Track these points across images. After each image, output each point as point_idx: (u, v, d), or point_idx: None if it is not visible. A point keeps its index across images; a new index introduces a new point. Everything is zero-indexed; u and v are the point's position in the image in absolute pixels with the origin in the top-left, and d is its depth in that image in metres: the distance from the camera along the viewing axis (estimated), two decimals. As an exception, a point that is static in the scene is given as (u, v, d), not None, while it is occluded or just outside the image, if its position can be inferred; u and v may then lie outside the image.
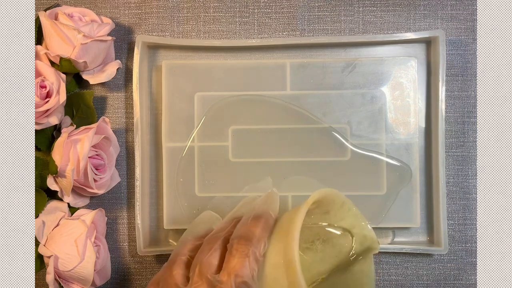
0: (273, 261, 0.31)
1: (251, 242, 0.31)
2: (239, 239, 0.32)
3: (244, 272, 0.30)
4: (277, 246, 0.31)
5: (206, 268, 0.31)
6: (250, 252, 0.31)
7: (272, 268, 0.31)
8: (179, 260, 0.33)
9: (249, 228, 0.32)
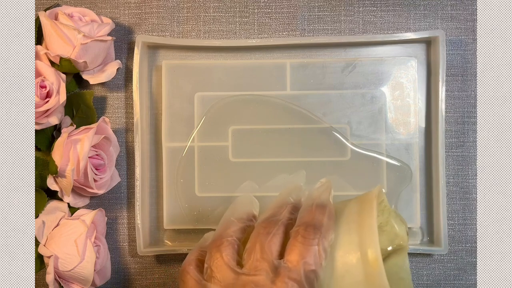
0: (345, 253, 0.30)
1: (319, 230, 0.30)
2: (306, 226, 0.30)
3: (313, 261, 0.29)
4: (348, 238, 0.30)
5: (268, 252, 0.30)
6: (319, 241, 0.30)
7: (344, 260, 0.30)
8: (226, 241, 0.32)
9: (315, 216, 0.31)
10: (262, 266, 0.30)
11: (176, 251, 0.45)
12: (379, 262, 0.29)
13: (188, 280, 0.32)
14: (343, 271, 0.30)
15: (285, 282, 0.29)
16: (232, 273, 0.30)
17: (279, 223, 0.31)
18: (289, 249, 0.30)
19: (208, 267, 0.31)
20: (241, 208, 0.34)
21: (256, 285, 0.29)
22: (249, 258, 0.31)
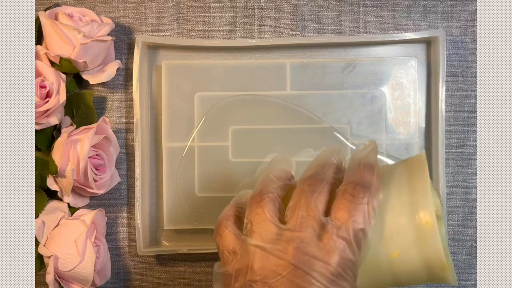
0: (395, 214, 0.30)
1: (369, 190, 0.29)
2: (355, 185, 0.29)
3: (362, 219, 0.29)
4: (399, 199, 0.30)
5: (315, 209, 0.29)
6: (369, 199, 0.29)
7: (394, 221, 0.30)
8: (267, 197, 0.30)
9: (363, 175, 0.30)
10: (308, 222, 0.29)
11: (176, 251, 0.45)
12: (433, 224, 0.29)
13: (226, 234, 0.31)
14: (393, 231, 0.30)
15: (333, 240, 0.28)
16: (275, 229, 0.29)
17: (324, 182, 0.30)
18: (336, 207, 0.29)
19: (248, 222, 0.30)
20: (279, 166, 0.33)
21: (302, 241, 0.28)
22: (293, 214, 0.30)
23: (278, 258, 0.29)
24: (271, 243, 0.29)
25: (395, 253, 0.30)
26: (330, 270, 0.28)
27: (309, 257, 0.28)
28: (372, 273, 0.31)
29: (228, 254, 0.31)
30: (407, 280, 0.31)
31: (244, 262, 0.29)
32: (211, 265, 0.47)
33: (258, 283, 0.28)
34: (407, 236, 0.30)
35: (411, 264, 0.30)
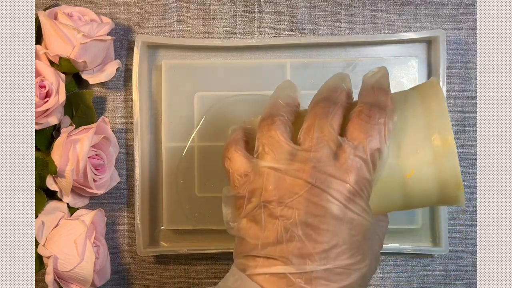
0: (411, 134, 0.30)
1: (384, 111, 0.29)
2: (371, 106, 0.29)
3: (378, 139, 0.28)
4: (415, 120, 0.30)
5: (330, 129, 0.29)
6: (385, 121, 0.29)
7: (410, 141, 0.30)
8: (278, 120, 0.30)
9: (378, 97, 0.30)
10: (323, 142, 0.28)
11: (176, 251, 0.45)
12: (451, 142, 0.29)
13: (236, 157, 0.30)
14: (409, 152, 0.30)
15: (350, 159, 0.28)
16: (290, 150, 0.29)
17: (338, 104, 0.30)
18: (352, 128, 0.29)
19: (259, 145, 0.30)
20: (286, 92, 0.33)
21: (319, 160, 0.28)
22: (307, 136, 0.29)
23: (295, 177, 0.28)
24: (286, 164, 0.29)
25: (410, 173, 0.30)
26: (347, 188, 0.28)
27: (327, 176, 0.28)
28: (384, 194, 0.31)
29: (239, 177, 0.30)
30: (417, 201, 0.31)
31: (258, 184, 0.29)
32: (211, 265, 0.47)
33: (273, 203, 0.28)
34: (423, 156, 0.30)
35: (425, 183, 0.30)
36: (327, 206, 0.28)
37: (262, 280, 0.28)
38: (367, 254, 0.29)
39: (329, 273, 0.28)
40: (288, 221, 0.28)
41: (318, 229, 0.28)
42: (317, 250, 0.28)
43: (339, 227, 0.28)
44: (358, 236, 0.28)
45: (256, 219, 0.29)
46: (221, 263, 0.47)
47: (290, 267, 0.28)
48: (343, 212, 0.28)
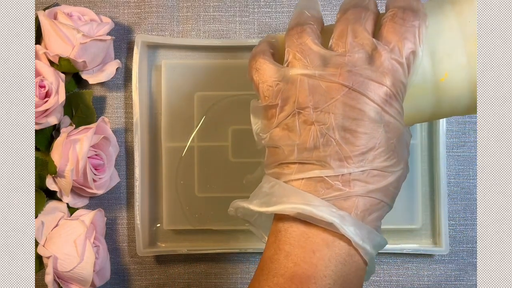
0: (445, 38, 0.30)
1: (418, 14, 0.29)
2: (404, 9, 0.29)
3: (413, 42, 0.28)
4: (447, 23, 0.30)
5: (365, 33, 0.28)
6: (420, 23, 0.28)
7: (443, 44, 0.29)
8: (308, 27, 0.29)
9: (410, 2, 0.29)
10: (358, 46, 0.28)
11: (176, 251, 0.45)
12: None
13: (265, 67, 0.30)
14: (443, 55, 0.30)
15: (386, 62, 0.28)
16: (324, 55, 0.28)
17: (370, 10, 0.30)
18: (386, 31, 0.29)
19: (290, 53, 0.29)
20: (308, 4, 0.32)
21: (354, 64, 0.28)
22: (340, 41, 0.29)
23: (330, 82, 0.28)
24: (320, 69, 0.28)
25: (444, 76, 0.30)
26: (384, 90, 0.28)
27: (364, 79, 0.28)
28: (416, 99, 0.30)
29: (270, 86, 0.29)
30: (448, 107, 0.31)
31: (291, 92, 0.28)
32: (211, 265, 0.47)
33: (308, 109, 0.28)
34: (458, 59, 0.29)
35: (458, 87, 0.30)
36: (364, 109, 0.27)
37: (298, 185, 0.28)
38: (402, 158, 0.29)
39: (367, 175, 0.28)
40: (325, 125, 0.28)
41: (356, 132, 0.27)
42: (355, 153, 0.27)
43: (376, 129, 0.28)
44: (393, 140, 0.28)
45: (290, 127, 0.29)
46: (221, 263, 0.47)
47: (327, 170, 0.28)
48: (380, 115, 0.28)
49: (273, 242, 0.29)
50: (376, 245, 0.29)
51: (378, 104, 0.28)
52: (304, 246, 0.28)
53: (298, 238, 0.28)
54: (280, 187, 0.29)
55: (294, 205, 0.27)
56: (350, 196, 0.28)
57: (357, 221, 0.28)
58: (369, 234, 0.28)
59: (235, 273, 0.47)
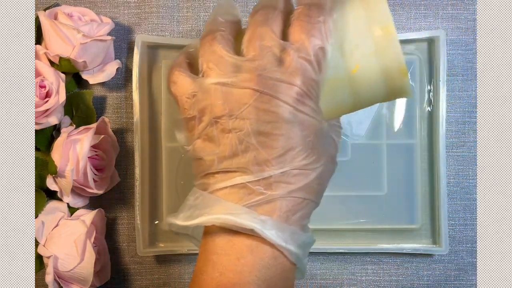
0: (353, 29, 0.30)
1: (323, 9, 0.29)
2: (310, 6, 0.29)
3: (320, 38, 0.28)
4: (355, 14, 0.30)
5: (272, 35, 0.28)
6: (325, 18, 0.28)
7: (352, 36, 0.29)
8: (219, 35, 0.29)
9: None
10: (266, 49, 0.28)
11: (176, 251, 0.45)
12: (391, 31, 0.29)
13: (181, 80, 0.30)
14: (352, 47, 0.30)
15: (294, 61, 0.28)
16: (234, 62, 0.28)
17: (277, 10, 0.30)
18: (293, 30, 0.29)
19: (203, 62, 0.29)
20: (225, 10, 0.32)
21: (264, 68, 0.28)
22: (250, 45, 0.29)
23: (242, 88, 0.28)
24: (232, 77, 0.28)
25: (355, 68, 0.30)
26: (295, 90, 0.28)
27: (274, 81, 0.28)
28: (333, 93, 0.30)
29: (187, 99, 0.29)
30: (366, 97, 0.31)
31: (206, 102, 0.28)
32: (211, 265, 0.47)
33: (224, 118, 0.28)
34: (366, 49, 0.29)
35: (370, 76, 0.30)
36: (277, 111, 0.28)
37: (223, 194, 0.28)
38: (322, 154, 0.29)
39: (287, 176, 0.28)
40: (241, 132, 0.28)
41: (272, 135, 0.28)
42: (273, 156, 0.28)
43: (292, 130, 0.28)
44: (310, 137, 0.29)
45: (209, 137, 0.29)
46: (221, 263, 0.47)
47: (248, 176, 0.28)
48: (294, 115, 0.28)
49: (202, 253, 0.29)
50: (301, 244, 0.29)
51: (290, 104, 0.28)
52: (230, 254, 0.28)
53: (224, 246, 0.28)
54: (204, 199, 0.29)
55: (215, 216, 0.28)
56: (273, 198, 0.28)
57: (280, 223, 0.28)
58: (292, 235, 0.28)
59: (235, 273, 0.47)
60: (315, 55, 0.28)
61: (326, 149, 0.30)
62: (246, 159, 0.28)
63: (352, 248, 0.45)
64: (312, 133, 0.29)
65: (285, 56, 0.28)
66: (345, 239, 0.46)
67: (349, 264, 0.47)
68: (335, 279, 0.47)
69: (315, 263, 0.47)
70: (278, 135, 0.28)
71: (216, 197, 0.28)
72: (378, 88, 0.31)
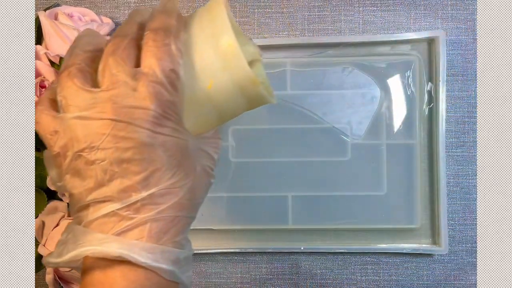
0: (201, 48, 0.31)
1: (170, 31, 0.29)
2: (156, 30, 0.29)
3: (170, 60, 0.29)
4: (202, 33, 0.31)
5: (123, 63, 0.29)
6: (172, 41, 0.29)
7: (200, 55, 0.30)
8: (74, 68, 0.30)
9: (162, 20, 0.30)
10: (119, 78, 0.28)
11: (176, 251, 0.45)
12: (234, 44, 0.30)
13: (43, 118, 0.30)
14: (203, 64, 0.30)
15: (146, 86, 0.28)
16: (90, 95, 0.29)
17: (128, 38, 0.30)
18: (144, 56, 0.29)
19: (61, 98, 0.29)
20: (85, 40, 0.32)
21: (117, 96, 0.28)
22: (103, 76, 0.29)
23: (99, 119, 0.28)
24: (89, 109, 0.28)
25: (210, 84, 0.31)
26: (150, 114, 0.28)
27: (128, 109, 0.28)
28: (197, 109, 0.31)
29: (50, 136, 0.30)
30: (229, 109, 0.32)
31: (68, 137, 0.29)
32: (211, 265, 0.47)
33: (86, 150, 0.28)
34: (216, 64, 0.30)
35: (226, 90, 0.31)
36: (135, 136, 0.28)
37: (96, 225, 0.29)
38: (191, 170, 0.30)
39: (155, 197, 0.29)
40: (104, 162, 0.28)
41: (134, 160, 0.28)
42: (137, 180, 0.28)
43: (153, 152, 0.29)
44: (175, 156, 0.29)
45: (76, 171, 0.29)
46: (221, 263, 0.47)
47: (116, 204, 0.28)
48: (153, 138, 0.28)
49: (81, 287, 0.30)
50: (176, 260, 0.30)
51: (148, 128, 0.28)
52: (104, 284, 0.29)
53: (99, 278, 0.29)
54: (75, 233, 0.29)
55: (84, 249, 0.28)
56: (142, 222, 0.29)
57: (149, 244, 0.29)
58: (163, 254, 0.29)
59: (235, 273, 0.47)
60: (167, 77, 0.29)
61: (197, 163, 0.31)
62: (113, 187, 0.28)
63: (352, 248, 0.45)
64: (176, 152, 0.29)
65: (137, 82, 0.29)
66: (345, 239, 0.46)
67: (349, 264, 0.47)
68: (335, 279, 0.47)
69: (315, 263, 0.47)
70: (140, 160, 0.28)
71: (86, 229, 0.29)
72: (237, 100, 0.32)
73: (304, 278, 0.46)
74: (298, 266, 0.47)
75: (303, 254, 0.47)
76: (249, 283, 0.47)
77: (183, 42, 0.30)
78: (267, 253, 0.47)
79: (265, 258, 0.47)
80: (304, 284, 0.47)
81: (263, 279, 0.47)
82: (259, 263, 0.47)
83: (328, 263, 0.47)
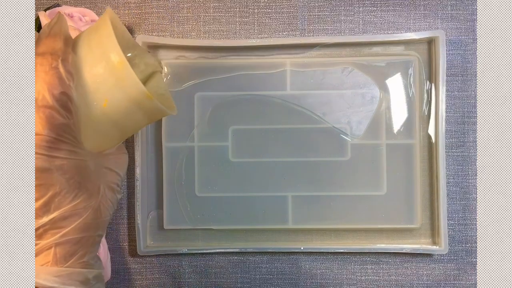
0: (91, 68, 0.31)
1: (57, 55, 0.29)
2: (43, 55, 0.29)
3: (59, 83, 0.29)
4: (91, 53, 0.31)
5: None
6: (59, 64, 0.29)
7: (92, 74, 0.31)
8: None
9: (48, 44, 0.30)
10: None
11: (176, 251, 0.45)
12: (123, 61, 0.30)
13: None
14: (95, 84, 0.31)
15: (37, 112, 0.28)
16: None
17: None
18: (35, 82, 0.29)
19: None
20: None
21: None
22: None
23: None
24: None
25: (105, 102, 0.31)
26: (44, 139, 0.28)
27: None
28: (96, 128, 0.31)
29: None
30: (128, 124, 0.32)
31: None
32: (211, 265, 0.47)
33: None
34: (108, 83, 0.30)
35: (121, 107, 0.31)
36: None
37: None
38: (94, 189, 0.30)
39: (57, 221, 0.29)
40: None
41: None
42: (38, 206, 0.28)
43: (51, 177, 0.28)
44: (75, 178, 0.29)
45: None
46: (221, 263, 0.47)
47: None
48: (49, 162, 0.28)
49: None
50: (84, 280, 0.30)
51: (42, 153, 0.28)
52: None
53: None
54: None
55: None
56: (47, 247, 0.29)
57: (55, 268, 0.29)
58: (70, 276, 0.29)
59: (235, 273, 0.47)
60: (58, 101, 0.29)
61: (100, 182, 0.31)
62: None
63: (352, 248, 0.45)
64: (75, 174, 0.29)
65: None
66: (345, 239, 0.46)
67: (349, 264, 0.47)
68: (335, 279, 0.47)
69: (315, 263, 0.47)
70: (38, 186, 0.28)
71: None
72: (135, 115, 0.32)
73: (304, 278, 0.47)
74: (298, 266, 0.47)
75: (303, 254, 0.47)
76: (249, 283, 0.47)
77: (73, 64, 0.30)
78: (267, 253, 0.47)
79: (265, 258, 0.47)
80: (304, 284, 0.47)
81: (263, 279, 0.47)
82: (259, 263, 0.47)
83: (328, 263, 0.47)
